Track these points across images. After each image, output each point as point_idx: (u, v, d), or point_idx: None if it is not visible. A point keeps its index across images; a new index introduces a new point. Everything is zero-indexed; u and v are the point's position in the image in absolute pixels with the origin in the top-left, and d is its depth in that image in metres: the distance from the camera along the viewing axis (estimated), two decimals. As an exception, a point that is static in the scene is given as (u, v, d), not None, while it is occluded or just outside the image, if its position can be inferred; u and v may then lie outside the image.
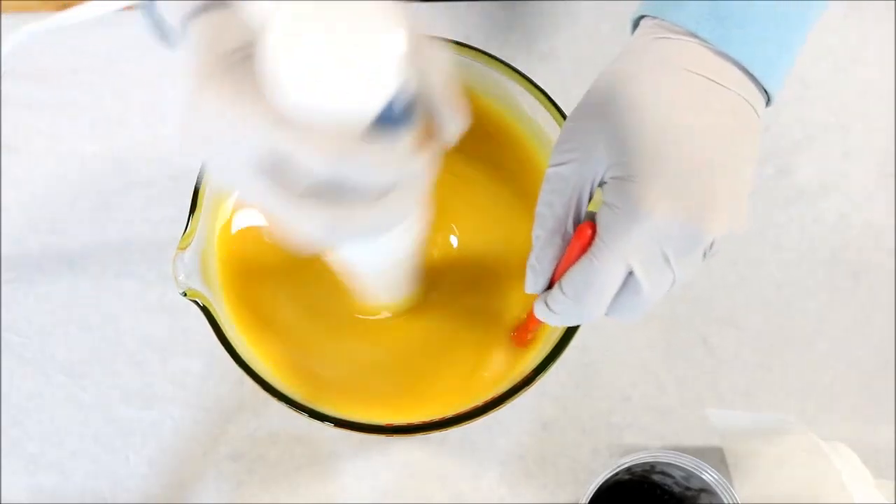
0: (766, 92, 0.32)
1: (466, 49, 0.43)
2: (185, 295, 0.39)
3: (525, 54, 0.57)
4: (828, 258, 0.54)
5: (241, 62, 0.24)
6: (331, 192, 0.24)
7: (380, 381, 0.45)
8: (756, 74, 0.31)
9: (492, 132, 0.47)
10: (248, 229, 0.45)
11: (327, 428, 0.40)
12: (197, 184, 0.40)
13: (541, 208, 0.33)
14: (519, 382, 0.40)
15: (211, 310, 0.39)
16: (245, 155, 0.24)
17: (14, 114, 0.56)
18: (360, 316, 0.45)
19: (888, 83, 0.56)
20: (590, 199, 0.33)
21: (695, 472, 0.46)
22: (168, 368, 0.53)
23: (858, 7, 0.57)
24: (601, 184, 0.32)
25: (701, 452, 0.51)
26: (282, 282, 0.45)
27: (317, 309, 0.45)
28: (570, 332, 0.40)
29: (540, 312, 0.35)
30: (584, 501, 0.45)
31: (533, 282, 0.35)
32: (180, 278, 0.39)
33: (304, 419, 0.40)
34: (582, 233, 0.32)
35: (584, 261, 0.32)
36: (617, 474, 0.46)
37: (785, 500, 0.48)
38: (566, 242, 0.33)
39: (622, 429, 0.52)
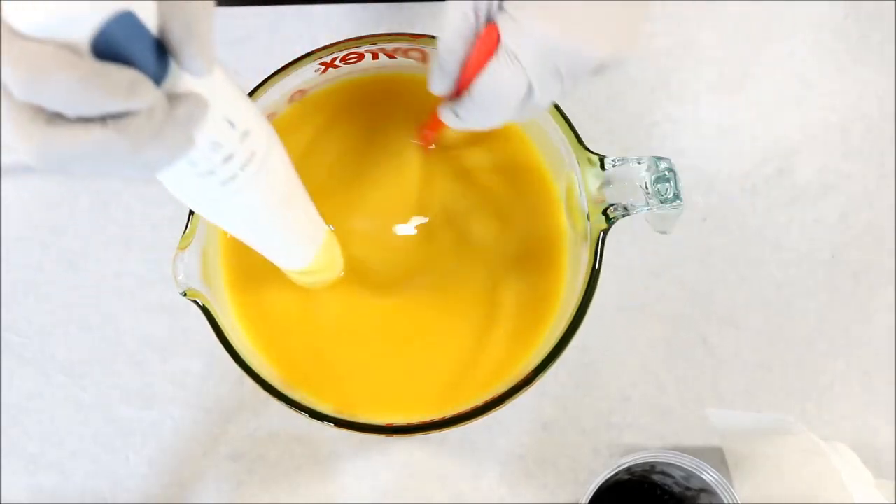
0: None
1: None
2: (185, 295, 0.39)
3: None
4: (828, 258, 0.54)
5: None
6: (46, 111, 0.23)
7: (383, 377, 0.45)
8: None
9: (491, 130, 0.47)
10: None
11: (327, 428, 0.40)
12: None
13: (451, 12, 0.34)
14: (519, 382, 0.40)
15: (211, 310, 0.39)
16: None
17: (14, 114, 0.56)
18: (366, 307, 0.45)
19: (888, 83, 0.56)
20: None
21: (695, 472, 0.46)
22: (168, 368, 0.53)
23: (858, 7, 0.57)
24: None
25: (701, 452, 0.51)
26: (289, 279, 0.45)
27: (321, 306, 0.45)
28: (569, 332, 0.40)
29: (447, 118, 0.37)
30: (584, 501, 0.45)
31: (440, 82, 0.36)
32: (180, 278, 0.39)
33: (304, 419, 0.40)
34: (488, 35, 0.33)
35: (489, 69, 0.34)
36: (617, 474, 0.46)
37: (785, 500, 0.48)
38: (471, 47, 0.34)
39: (622, 429, 0.52)
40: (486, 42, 0.34)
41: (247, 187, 0.31)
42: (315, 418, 0.40)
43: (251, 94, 0.42)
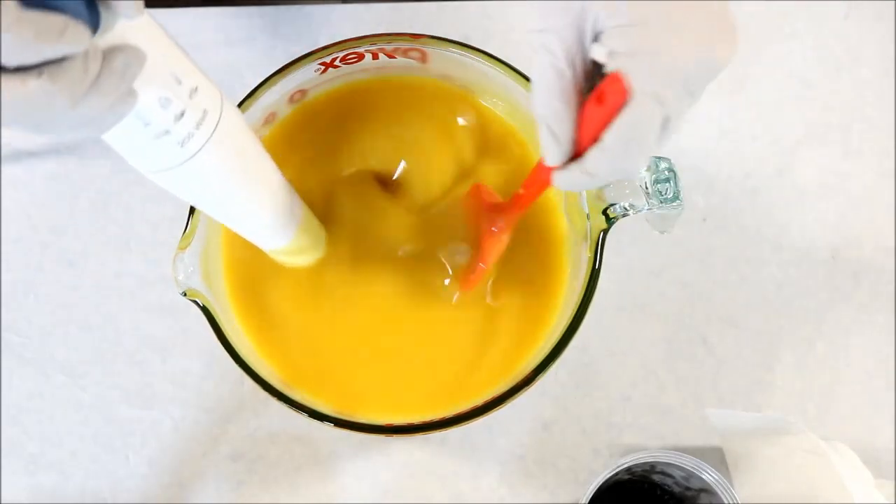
0: None
1: (466, 49, 0.43)
2: (185, 295, 0.39)
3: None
4: (828, 258, 0.54)
5: None
6: None
7: (383, 377, 0.45)
8: None
9: (492, 131, 0.47)
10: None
11: (327, 428, 0.40)
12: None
13: (547, 75, 0.32)
14: (519, 382, 0.40)
15: (211, 310, 0.39)
16: None
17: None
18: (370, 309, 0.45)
19: (888, 83, 0.56)
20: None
21: (695, 472, 0.46)
22: (168, 368, 0.53)
23: (858, 7, 0.57)
24: (596, 37, 0.31)
25: (701, 452, 0.51)
26: (289, 279, 0.45)
27: (322, 306, 0.45)
28: (569, 332, 0.40)
29: (567, 182, 0.34)
30: (584, 501, 0.45)
31: (557, 152, 0.33)
32: (180, 278, 0.39)
33: (304, 419, 0.40)
34: (616, 88, 0.30)
35: (626, 119, 0.30)
36: (617, 474, 0.46)
37: (785, 500, 0.48)
38: (577, 104, 0.32)
39: (622, 429, 0.52)
40: (614, 96, 0.30)
41: (206, 148, 0.31)
42: (315, 418, 0.40)
43: (251, 94, 0.42)
